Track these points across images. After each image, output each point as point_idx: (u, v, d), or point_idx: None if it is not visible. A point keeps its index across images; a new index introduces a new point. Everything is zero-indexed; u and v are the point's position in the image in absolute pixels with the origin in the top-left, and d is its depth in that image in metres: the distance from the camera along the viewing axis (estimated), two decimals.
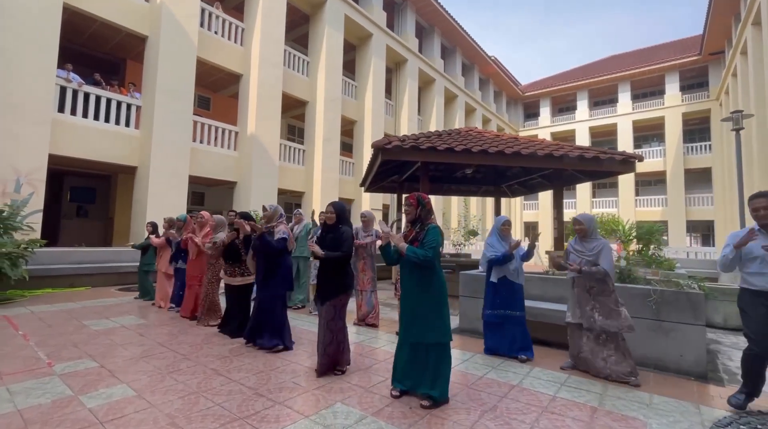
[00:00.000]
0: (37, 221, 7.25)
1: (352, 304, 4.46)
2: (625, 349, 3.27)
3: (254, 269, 3.92)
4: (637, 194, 25.17)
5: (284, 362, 3.40)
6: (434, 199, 22.97)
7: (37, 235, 7.23)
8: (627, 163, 6.03)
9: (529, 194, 11.29)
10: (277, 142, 11.76)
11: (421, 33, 19.71)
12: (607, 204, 25.28)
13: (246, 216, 4.26)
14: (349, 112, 15.01)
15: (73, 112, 8.30)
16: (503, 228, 4.00)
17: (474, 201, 21.29)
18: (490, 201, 24.68)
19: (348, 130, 15.70)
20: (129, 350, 3.55)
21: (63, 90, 8.16)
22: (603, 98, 28.25)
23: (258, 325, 3.78)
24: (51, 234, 10.91)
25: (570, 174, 7.28)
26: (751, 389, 2.74)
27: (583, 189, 25.49)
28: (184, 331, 4.33)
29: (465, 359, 3.67)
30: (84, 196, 11.85)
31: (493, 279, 3.92)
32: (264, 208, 4.01)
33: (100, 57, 10.82)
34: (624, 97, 25.90)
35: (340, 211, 3.36)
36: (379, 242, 3.55)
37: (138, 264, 6.43)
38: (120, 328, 4.33)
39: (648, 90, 26.43)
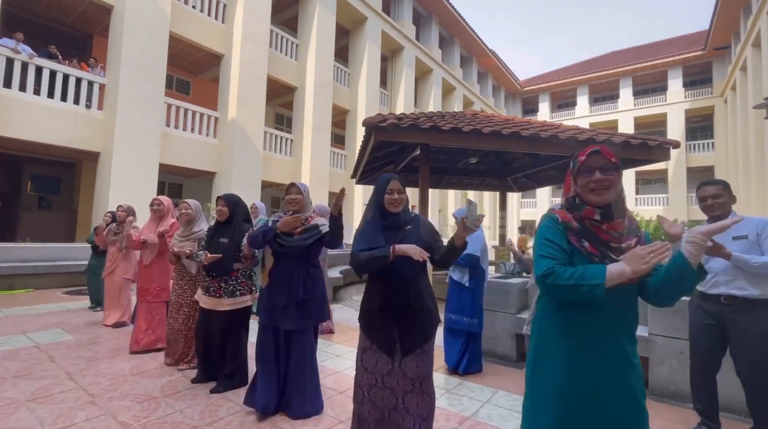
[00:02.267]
0: None
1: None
2: None
3: (263, 282, 2.47)
4: (637, 193, 24.55)
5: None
6: (431, 194, 21.93)
7: None
8: (661, 149, 5.17)
9: (536, 188, 10.45)
10: (262, 128, 10.76)
11: (419, 20, 18.75)
12: None
13: (233, 201, 2.79)
14: (342, 100, 14.03)
15: (23, 88, 7.24)
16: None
17: (474, 196, 20.41)
18: (488, 196, 23.91)
19: (340, 120, 14.72)
20: (17, 387, 2.58)
21: (10, 63, 7.10)
22: (603, 94, 27.55)
23: (287, 384, 2.39)
24: (7, 228, 9.84)
25: None
26: (708, 416, 2.20)
27: None
28: (116, 356, 3.30)
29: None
30: (47, 186, 10.75)
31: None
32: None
33: (62, 31, 9.72)
34: (625, 93, 25.23)
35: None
36: None
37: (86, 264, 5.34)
38: (29, 350, 3.34)
39: (650, 86, 25.77)
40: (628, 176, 23.36)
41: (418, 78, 18.77)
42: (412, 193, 16.49)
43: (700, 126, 24.01)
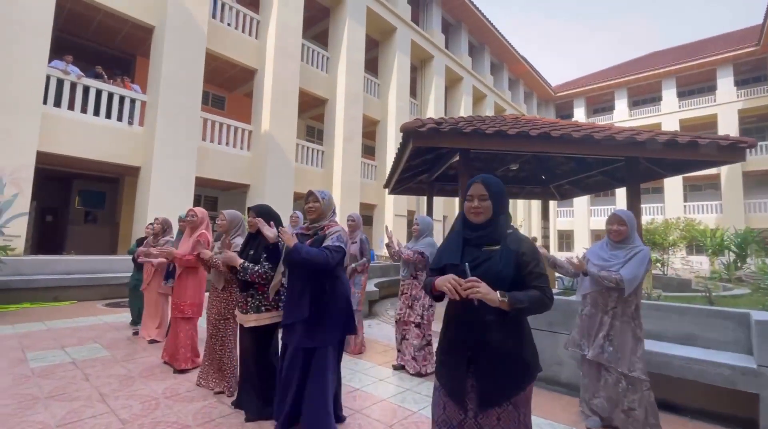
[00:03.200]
0: (11, 226, 6.44)
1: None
2: (650, 404, 2.32)
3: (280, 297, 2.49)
4: (685, 200, 22.90)
5: None
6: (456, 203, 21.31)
7: (21, 241, 6.43)
8: (735, 149, 4.60)
9: (581, 196, 9.80)
10: (294, 141, 10.80)
11: (448, 29, 18.59)
12: (652, 210, 23.05)
13: (263, 211, 2.61)
14: (372, 111, 13.96)
15: (71, 106, 7.57)
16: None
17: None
18: (522, 205, 23.07)
19: (370, 131, 14.64)
20: (49, 409, 2.45)
21: (60, 84, 7.45)
22: (644, 97, 26.20)
23: (295, 404, 2.23)
24: (56, 241, 10.31)
25: (646, 167, 5.86)
26: None
27: (623, 194, 23.32)
28: (149, 375, 3.18)
29: None
30: (93, 200, 11.23)
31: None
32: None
33: (108, 53, 10.21)
34: (668, 95, 23.85)
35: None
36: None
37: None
38: (66, 366, 3.26)
39: (695, 86, 24.26)
40: (675, 183, 21.87)
41: (448, 86, 18.52)
42: (446, 203, 16.02)
43: (755, 127, 22.24)
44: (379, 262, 10.38)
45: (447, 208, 16.64)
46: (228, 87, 12.50)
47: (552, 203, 24.85)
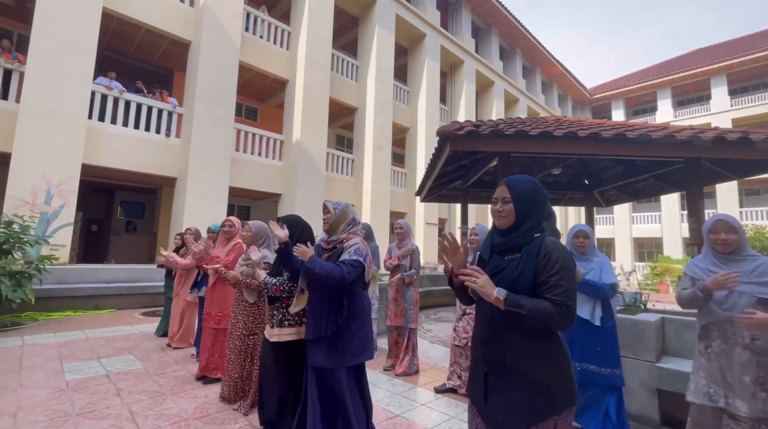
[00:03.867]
0: (57, 235, 6.68)
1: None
2: None
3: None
4: (741, 205, 21.14)
5: None
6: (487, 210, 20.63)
7: (66, 251, 6.66)
8: None
9: (629, 202, 9.12)
10: (324, 150, 10.79)
11: (477, 34, 18.26)
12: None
13: (293, 221, 2.45)
14: (401, 118, 13.82)
15: (114, 121, 7.87)
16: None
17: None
18: (559, 211, 22.09)
19: (400, 139, 14.49)
20: (79, 428, 2.36)
21: (104, 99, 7.78)
22: (690, 96, 24.62)
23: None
24: (99, 251, 10.75)
25: (708, 169, 5.30)
26: None
27: (670, 201, 21.89)
28: (180, 392, 3.04)
29: None
30: (134, 210, 11.68)
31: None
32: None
33: (148, 69, 10.65)
34: (719, 93, 22.26)
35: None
36: None
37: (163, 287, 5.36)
38: (99, 379, 3.21)
39: (749, 83, 22.54)
40: (729, 187, 20.27)
41: (479, 92, 18.13)
42: (478, 211, 15.43)
43: None
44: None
45: (480, 216, 16.14)
46: (260, 98, 12.74)
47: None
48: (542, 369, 1.24)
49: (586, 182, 7.64)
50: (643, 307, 4.09)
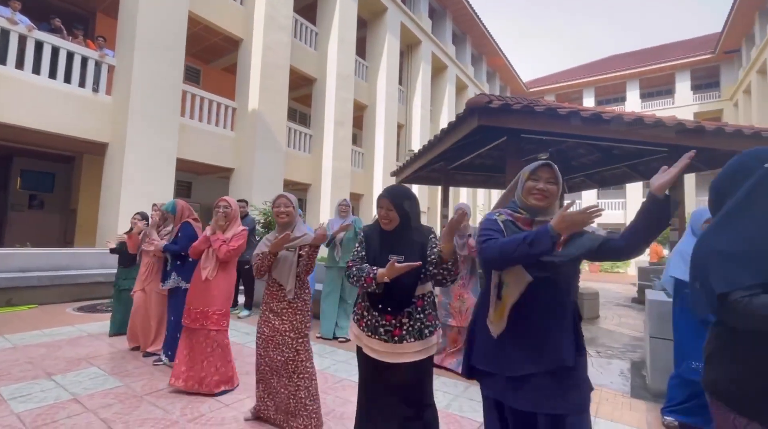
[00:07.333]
0: None
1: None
2: None
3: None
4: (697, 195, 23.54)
5: None
6: (484, 193, 20.25)
7: None
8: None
9: (593, 189, 9.59)
10: (284, 122, 9.81)
11: (433, 15, 18.02)
12: (614, 205, 24.05)
13: (402, 195, 1.83)
14: (360, 95, 13.13)
15: (20, 65, 6.15)
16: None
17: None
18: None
19: (357, 116, 13.81)
20: None
21: (6, 35, 6.01)
22: (609, 97, 27.35)
23: None
24: None
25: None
26: None
27: (636, 189, 22.73)
28: (196, 418, 2.30)
29: None
30: (39, 182, 9.54)
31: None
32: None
33: (62, 7, 8.57)
34: (632, 96, 25.05)
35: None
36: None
37: (114, 277, 4.22)
38: (67, 406, 2.29)
39: (656, 89, 25.66)
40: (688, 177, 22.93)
41: (433, 75, 18.02)
42: (454, 194, 15.52)
43: None
44: None
45: (456, 199, 16.21)
46: (204, 59, 11.12)
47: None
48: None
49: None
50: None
